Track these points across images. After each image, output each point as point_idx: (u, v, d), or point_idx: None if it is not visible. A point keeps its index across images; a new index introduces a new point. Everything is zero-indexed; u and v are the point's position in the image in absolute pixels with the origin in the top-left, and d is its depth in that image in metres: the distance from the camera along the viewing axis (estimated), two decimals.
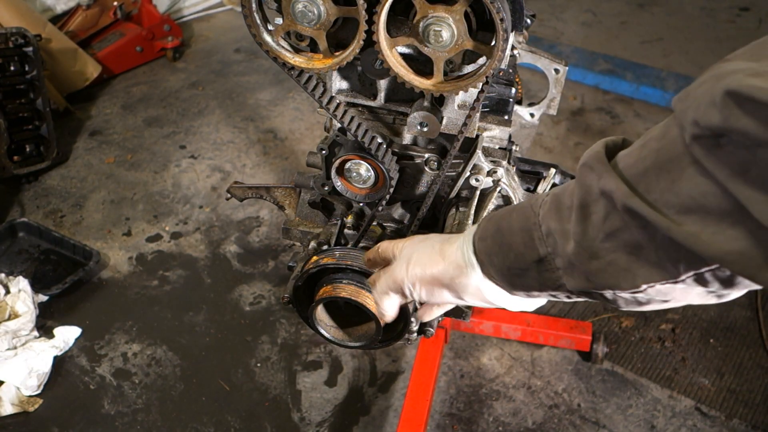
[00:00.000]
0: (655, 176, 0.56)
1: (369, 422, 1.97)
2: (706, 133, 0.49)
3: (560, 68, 1.31)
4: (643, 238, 0.58)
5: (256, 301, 2.35)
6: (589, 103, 3.48)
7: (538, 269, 0.70)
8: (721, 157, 0.49)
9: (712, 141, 0.49)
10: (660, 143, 0.56)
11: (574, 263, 0.65)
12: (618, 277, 0.62)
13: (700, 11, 4.49)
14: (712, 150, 0.50)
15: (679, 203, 0.54)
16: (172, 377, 2.09)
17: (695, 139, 0.51)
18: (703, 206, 0.52)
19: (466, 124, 1.10)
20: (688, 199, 0.53)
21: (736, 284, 0.58)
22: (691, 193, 0.53)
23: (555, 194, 0.69)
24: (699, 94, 0.51)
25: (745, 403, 2.02)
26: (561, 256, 0.67)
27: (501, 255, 0.74)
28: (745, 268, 0.51)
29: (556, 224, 0.66)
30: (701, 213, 0.52)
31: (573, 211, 0.64)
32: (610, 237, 0.60)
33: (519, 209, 0.74)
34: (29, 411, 1.97)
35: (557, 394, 2.04)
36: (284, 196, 1.46)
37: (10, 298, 2.16)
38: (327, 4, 0.96)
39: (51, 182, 2.92)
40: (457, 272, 0.80)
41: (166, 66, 3.86)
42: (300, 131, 3.26)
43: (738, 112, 0.46)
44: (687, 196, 0.53)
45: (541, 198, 0.71)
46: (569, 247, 0.65)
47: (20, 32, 2.74)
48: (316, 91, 1.10)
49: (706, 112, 0.49)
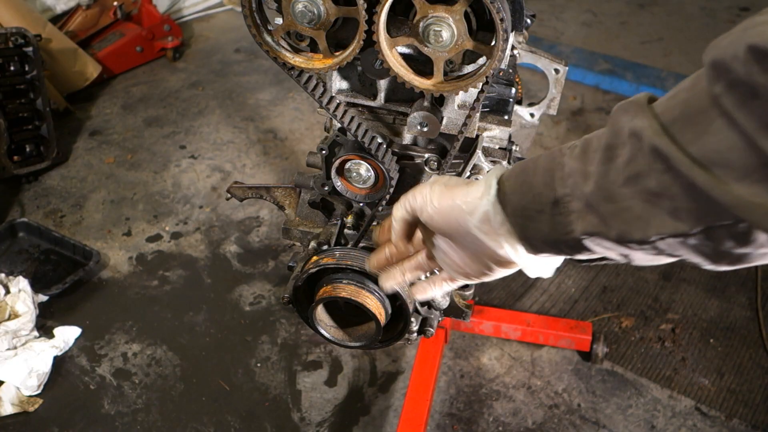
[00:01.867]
0: (681, 126, 0.56)
1: (369, 422, 1.97)
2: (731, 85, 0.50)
3: (560, 68, 1.31)
4: (664, 183, 0.57)
5: (256, 301, 2.35)
6: (589, 103, 3.48)
7: (552, 211, 0.69)
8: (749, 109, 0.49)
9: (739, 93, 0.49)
10: (688, 94, 0.56)
11: (590, 203, 0.64)
12: (631, 224, 0.61)
13: (700, 11, 4.49)
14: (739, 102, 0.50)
15: (704, 156, 0.53)
16: (172, 377, 2.09)
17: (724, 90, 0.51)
18: (727, 160, 0.52)
19: (466, 124, 1.10)
20: (714, 152, 0.53)
21: (749, 242, 0.57)
22: (716, 146, 0.52)
23: (586, 138, 0.69)
24: (724, 44, 0.51)
25: (745, 403, 2.02)
26: (578, 198, 0.66)
27: (520, 193, 0.72)
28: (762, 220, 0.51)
29: (579, 164, 0.66)
30: (726, 167, 0.52)
31: (598, 152, 0.64)
32: (631, 181, 0.60)
33: (550, 152, 0.73)
34: (29, 411, 1.97)
35: (557, 394, 2.04)
36: (284, 196, 1.46)
37: (10, 298, 2.16)
38: (327, 4, 0.96)
39: (51, 182, 2.92)
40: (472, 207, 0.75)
41: (166, 66, 3.86)
42: (300, 131, 3.26)
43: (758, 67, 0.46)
44: (713, 149, 0.53)
45: (573, 142, 0.71)
46: (587, 187, 0.64)
47: (20, 32, 2.74)
48: (316, 91, 1.10)
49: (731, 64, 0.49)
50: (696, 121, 0.54)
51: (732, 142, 0.51)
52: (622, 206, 0.61)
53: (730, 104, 0.50)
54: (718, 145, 0.52)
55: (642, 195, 0.60)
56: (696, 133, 0.54)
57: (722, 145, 0.52)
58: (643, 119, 0.59)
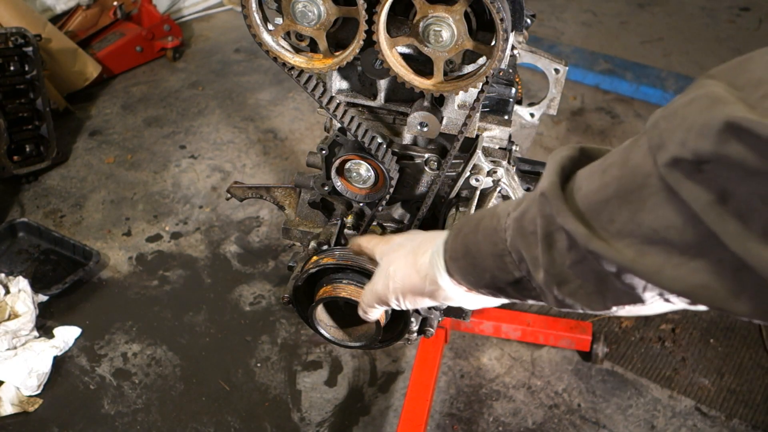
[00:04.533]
0: (617, 206, 0.55)
1: (369, 422, 1.97)
2: (689, 157, 0.48)
3: (560, 68, 1.31)
4: (608, 271, 0.58)
5: (256, 301, 2.35)
6: (589, 103, 3.48)
7: (516, 288, 0.71)
8: (701, 182, 0.48)
9: (693, 166, 0.48)
10: (622, 170, 0.55)
11: (547, 287, 0.65)
12: (589, 299, 0.62)
13: (700, 11, 4.49)
14: (691, 174, 0.48)
15: (641, 234, 0.53)
16: (172, 377, 2.09)
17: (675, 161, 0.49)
18: (665, 238, 0.51)
19: (466, 124, 1.10)
20: (650, 230, 0.52)
21: None
22: (653, 224, 0.52)
23: (516, 219, 0.68)
24: (689, 114, 0.49)
25: (745, 403, 2.02)
26: (535, 280, 0.67)
27: (476, 275, 0.74)
28: (712, 300, 0.50)
29: (526, 252, 0.66)
30: (664, 245, 0.52)
31: (538, 239, 0.64)
32: (577, 265, 0.60)
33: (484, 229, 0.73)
34: (29, 411, 1.97)
35: (557, 394, 2.04)
36: (284, 196, 1.46)
37: (10, 298, 2.16)
38: (327, 4, 0.96)
39: (51, 182, 2.92)
40: (434, 287, 0.81)
41: (166, 66, 3.86)
42: (300, 131, 3.26)
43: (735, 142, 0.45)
44: (649, 227, 0.52)
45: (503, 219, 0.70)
46: (539, 275, 0.65)
47: (20, 32, 2.74)
48: (316, 91, 1.10)
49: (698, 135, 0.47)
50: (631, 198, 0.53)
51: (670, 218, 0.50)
52: (576, 285, 0.62)
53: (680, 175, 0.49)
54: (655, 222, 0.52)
55: (592, 274, 0.60)
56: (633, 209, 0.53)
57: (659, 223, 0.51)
58: (566, 219, 0.58)
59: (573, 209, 0.58)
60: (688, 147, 0.48)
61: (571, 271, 0.61)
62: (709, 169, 0.47)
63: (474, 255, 0.74)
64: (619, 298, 0.60)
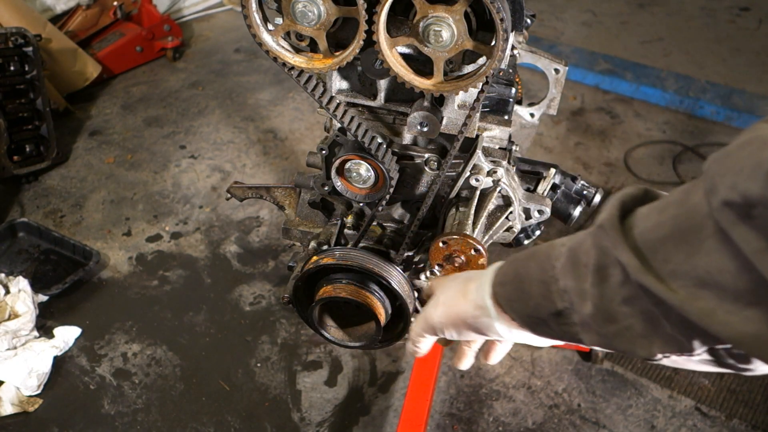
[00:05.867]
0: (673, 246, 0.53)
1: (369, 422, 1.97)
2: (738, 200, 0.47)
3: (560, 68, 1.31)
4: (658, 311, 0.56)
5: (256, 301, 2.35)
6: (589, 103, 3.48)
7: (557, 321, 0.69)
8: (752, 227, 0.47)
9: (744, 209, 0.47)
10: (679, 209, 0.54)
11: (591, 324, 0.63)
12: (635, 343, 0.61)
13: (700, 11, 4.49)
14: (742, 218, 0.47)
15: (695, 276, 0.52)
16: (172, 377, 2.09)
17: (727, 204, 0.48)
18: (719, 282, 0.50)
19: (466, 124, 1.10)
20: (705, 273, 0.51)
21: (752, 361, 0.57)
22: (708, 267, 0.50)
23: (571, 248, 0.66)
24: (743, 157, 0.48)
25: (745, 403, 2.02)
26: (578, 313, 0.65)
27: (521, 302, 0.73)
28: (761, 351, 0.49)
29: (573, 282, 0.65)
30: (717, 289, 0.50)
31: (590, 271, 0.62)
32: (628, 302, 0.59)
33: (537, 257, 0.72)
34: (29, 411, 1.97)
35: (557, 394, 2.04)
36: (284, 196, 1.46)
37: (10, 298, 2.16)
38: (327, 4, 0.96)
39: (51, 182, 2.92)
40: (478, 312, 0.80)
41: (166, 66, 3.86)
42: (300, 131, 3.25)
43: None
44: (704, 270, 0.51)
45: (557, 248, 0.69)
46: (586, 308, 0.63)
47: (20, 32, 2.74)
48: (316, 91, 1.09)
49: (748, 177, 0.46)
50: (687, 239, 0.52)
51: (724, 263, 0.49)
52: (623, 325, 0.60)
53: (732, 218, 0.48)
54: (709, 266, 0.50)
55: (642, 315, 0.58)
56: (688, 251, 0.52)
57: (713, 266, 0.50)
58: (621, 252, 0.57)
59: (630, 243, 0.57)
60: (738, 189, 0.47)
61: (621, 308, 0.59)
62: (759, 213, 0.46)
63: (522, 279, 0.72)
64: (667, 345, 0.58)
